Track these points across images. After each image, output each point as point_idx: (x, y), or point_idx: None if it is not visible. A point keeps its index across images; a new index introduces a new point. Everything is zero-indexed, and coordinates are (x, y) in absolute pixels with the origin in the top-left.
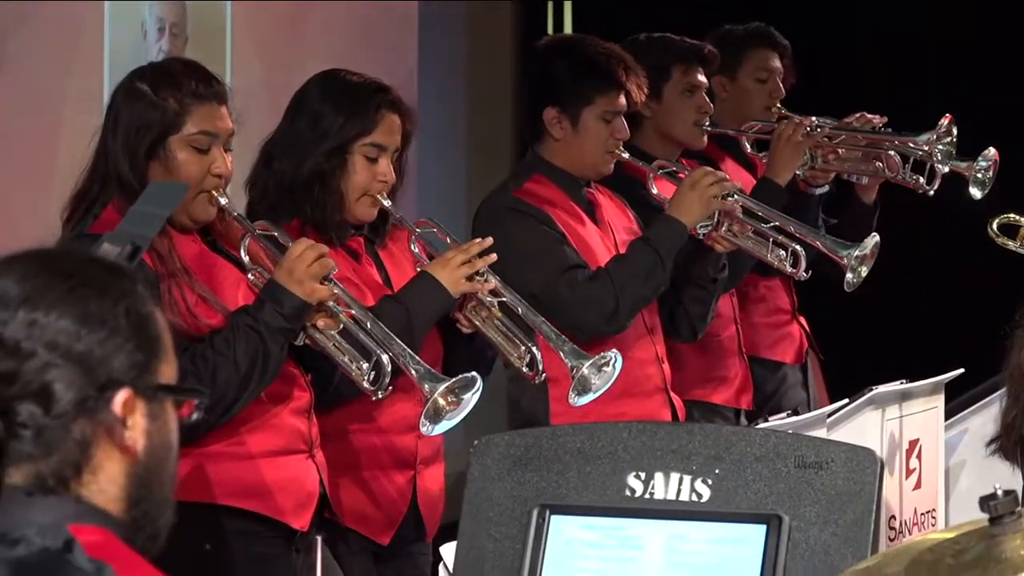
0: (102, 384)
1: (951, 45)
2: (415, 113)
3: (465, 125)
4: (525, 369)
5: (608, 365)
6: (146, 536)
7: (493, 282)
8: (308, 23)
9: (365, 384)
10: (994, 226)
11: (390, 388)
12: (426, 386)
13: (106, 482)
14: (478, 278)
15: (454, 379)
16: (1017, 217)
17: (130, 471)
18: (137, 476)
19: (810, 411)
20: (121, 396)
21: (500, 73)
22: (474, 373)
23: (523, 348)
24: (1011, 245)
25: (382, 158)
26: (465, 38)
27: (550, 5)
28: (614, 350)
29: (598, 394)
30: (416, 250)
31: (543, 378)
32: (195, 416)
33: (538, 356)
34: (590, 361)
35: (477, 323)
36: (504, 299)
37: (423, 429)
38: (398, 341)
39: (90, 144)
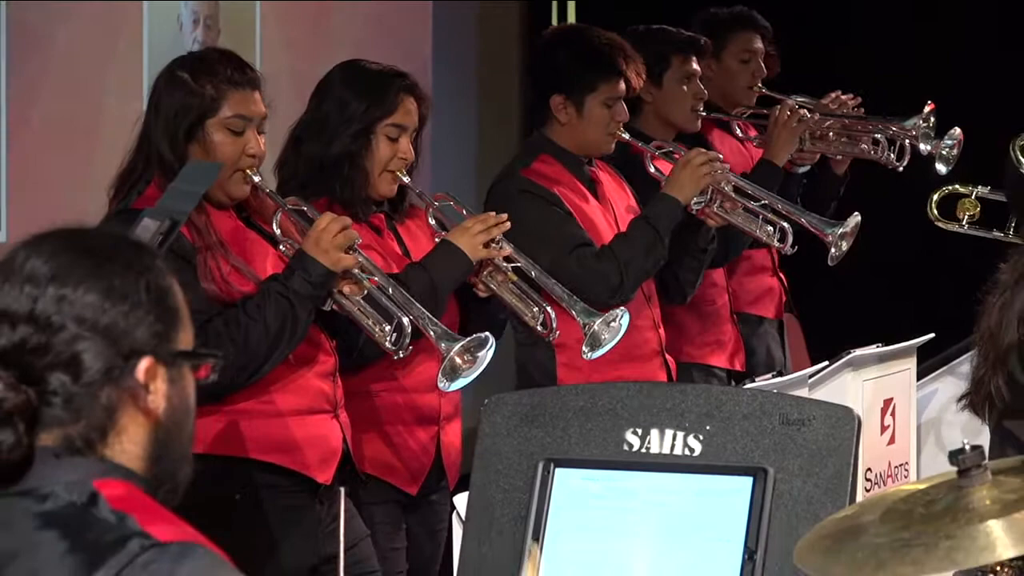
0: (126, 354)
1: (925, 31)
2: (429, 98)
3: (475, 111)
4: (540, 328)
5: (615, 321)
6: (166, 490)
7: (507, 249)
8: (330, 17)
9: (387, 345)
10: (934, 210)
11: (410, 348)
12: (443, 345)
13: (129, 443)
14: (494, 245)
15: (469, 339)
16: (958, 187)
17: (152, 432)
18: (158, 437)
19: (785, 372)
20: (144, 364)
21: (508, 63)
22: (487, 333)
23: (537, 309)
24: (953, 227)
25: (402, 138)
26: (475, 31)
27: (554, 4)
28: (622, 308)
29: (608, 348)
30: (433, 222)
31: (556, 335)
32: (212, 378)
33: (552, 315)
34: (601, 318)
35: (493, 287)
36: (518, 264)
37: (441, 386)
38: (417, 305)
39: (133, 127)
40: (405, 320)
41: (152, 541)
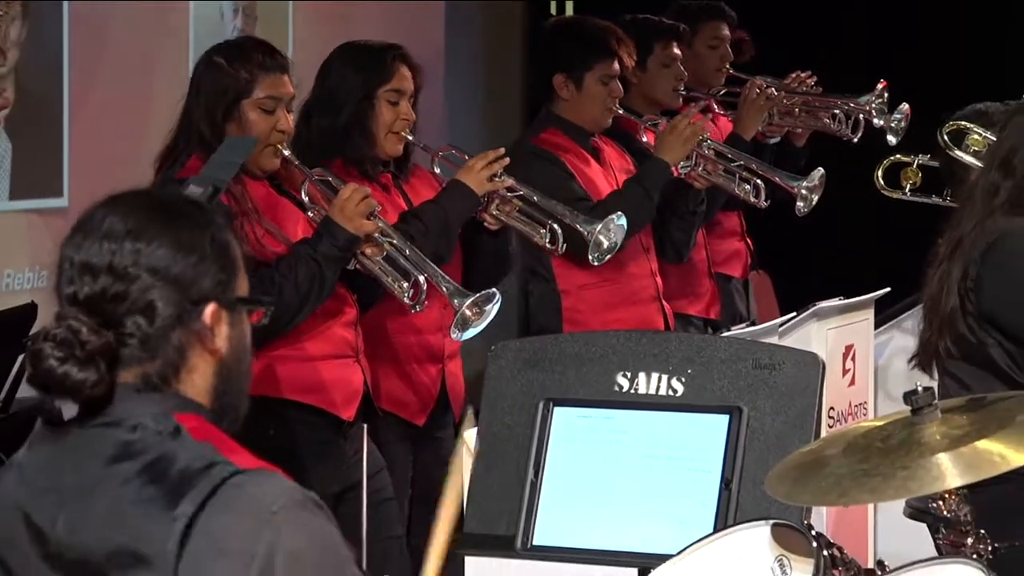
0: (194, 300)
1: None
2: (421, 67)
3: (482, 95)
4: (548, 245)
5: (613, 223)
6: (229, 420)
7: (509, 180)
8: (355, 8)
9: (405, 300)
10: (880, 180)
11: (426, 303)
12: (455, 301)
13: (199, 379)
14: (496, 179)
15: (478, 294)
16: (900, 157)
17: (217, 369)
18: (222, 373)
19: (756, 323)
20: (210, 309)
21: (511, 52)
22: (494, 290)
23: (544, 229)
24: (897, 195)
25: (402, 102)
26: (482, 23)
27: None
28: (618, 212)
29: (613, 253)
30: (438, 170)
31: (563, 249)
32: (264, 321)
33: (558, 231)
34: (602, 224)
35: (502, 218)
36: (521, 192)
37: (454, 336)
38: (431, 264)
39: (177, 108)
40: (421, 278)
41: (236, 467)
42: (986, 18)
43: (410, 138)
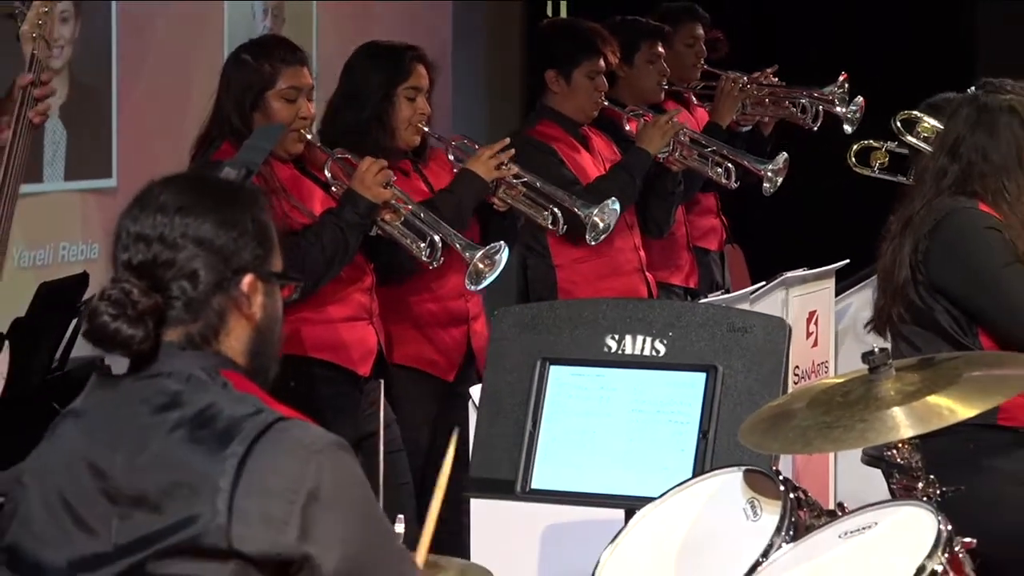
0: (234, 269)
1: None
2: (435, 64)
3: (485, 86)
4: (550, 226)
5: (607, 207)
6: (260, 381)
7: (515, 168)
8: (372, 8)
9: (423, 258)
10: (853, 158)
11: (442, 260)
12: (467, 254)
13: (236, 341)
14: (503, 166)
15: (488, 247)
16: (871, 141)
17: (252, 334)
18: (256, 337)
19: (730, 291)
20: (247, 279)
21: (511, 47)
22: (501, 242)
23: (546, 212)
24: (866, 171)
25: (419, 97)
26: (485, 22)
27: (549, 2)
28: (612, 198)
29: (608, 232)
30: (452, 157)
31: (564, 230)
32: (294, 297)
33: (559, 215)
34: (598, 208)
35: (509, 201)
36: (525, 179)
37: (469, 287)
38: (445, 225)
39: (212, 99)
40: (436, 237)
41: (279, 414)
42: (954, 18)
43: (426, 130)
